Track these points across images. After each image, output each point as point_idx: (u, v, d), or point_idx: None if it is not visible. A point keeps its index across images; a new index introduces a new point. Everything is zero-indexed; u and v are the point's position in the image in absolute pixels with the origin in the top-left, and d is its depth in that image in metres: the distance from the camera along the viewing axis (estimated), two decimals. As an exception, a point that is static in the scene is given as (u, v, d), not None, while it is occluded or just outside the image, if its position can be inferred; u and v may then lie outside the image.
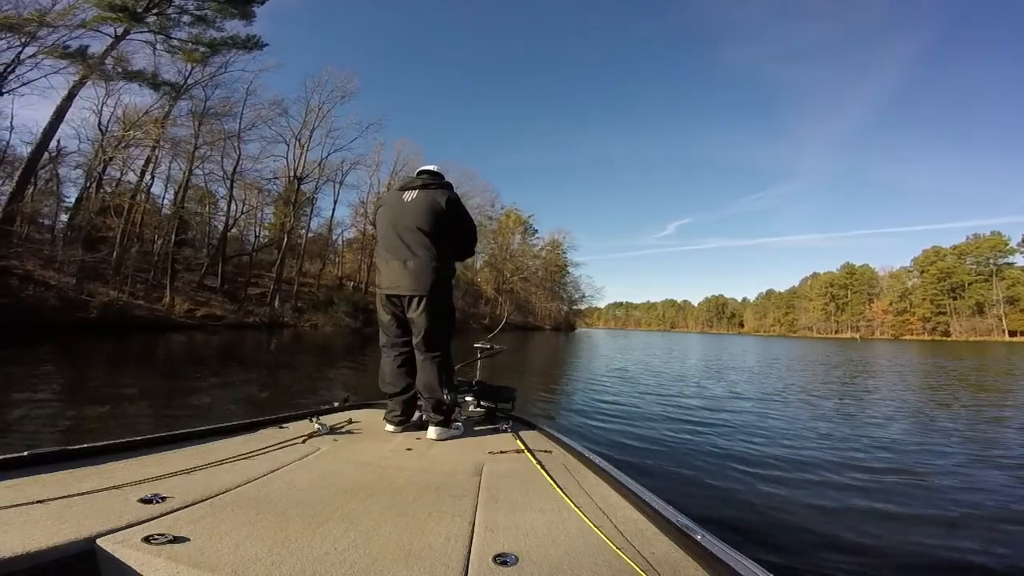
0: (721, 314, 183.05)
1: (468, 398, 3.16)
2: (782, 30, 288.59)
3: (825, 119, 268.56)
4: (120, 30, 23.01)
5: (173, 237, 28.32)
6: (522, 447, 2.30)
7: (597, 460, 2.07)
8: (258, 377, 9.96)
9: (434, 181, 2.85)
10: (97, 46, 22.74)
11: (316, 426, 2.49)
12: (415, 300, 2.67)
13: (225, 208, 34.23)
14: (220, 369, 10.85)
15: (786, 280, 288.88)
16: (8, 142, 22.19)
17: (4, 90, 19.80)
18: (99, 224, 24.68)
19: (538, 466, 2.00)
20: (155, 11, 23.75)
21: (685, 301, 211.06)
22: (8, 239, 18.98)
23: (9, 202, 19.76)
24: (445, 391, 2.65)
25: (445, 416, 2.63)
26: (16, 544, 1.03)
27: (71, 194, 27.43)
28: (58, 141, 25.11)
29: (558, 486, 1.73)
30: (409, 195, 2.78)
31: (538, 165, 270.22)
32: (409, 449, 2.32)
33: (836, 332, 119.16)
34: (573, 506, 1.54)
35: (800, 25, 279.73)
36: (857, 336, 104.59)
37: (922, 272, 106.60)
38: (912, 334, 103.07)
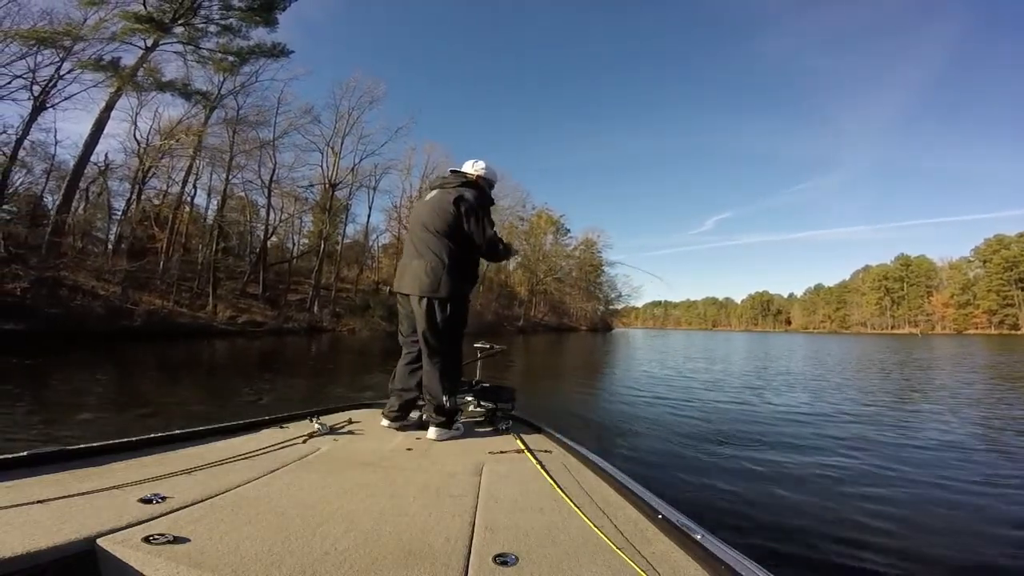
0: (766, 311, 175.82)
1: (468, 398, 3.13)
2: (815, 17, 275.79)
3: (868, 105, 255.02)
4: (149, 41, 23.66)
5: (215, 246, 29.10)
6: (522, 447, 2.30)
7: (597, 460, 2.07)
8: (300, 381, 9.86)
9: (453, 180, 2.82)
10: (130, 59, 23.53)
11: (316, 426, 2.49)
12: (415, 300, 2.65)
13: (264, 217, 35.08)
14: (263, 374, 10.75)
15: (835, 274, 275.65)
16: (54, 155, 23.21)
17: (48, 104, 20.67)
18: (141, 235, 25.55)
19: (538, 466, 1.99)
20: (181, 21, 24.31)
21: (727, 299, 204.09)
22: (57, 250, 19.71)
23: (56, 213, 20.57)
24: (446, 396, 2.61)
25: (446, 418, 2.60)
26: (16, 544, 1.04)
27: (121, 206, 28.60)
28: (106, 155, 26.30)
29: (558, 486, 1.73)
30: (430, 194, 2.81)
31: (571, 165, 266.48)
32: (409, 449, 2.30)
33: (892, 328, 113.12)
34: (573, 506, 1.53)
35: (834, 10, 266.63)
36: (917, 331, 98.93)
37: (985, 262, 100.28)
38: (977, 328, 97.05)
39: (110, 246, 26.93)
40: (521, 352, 21.65)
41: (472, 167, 2.94)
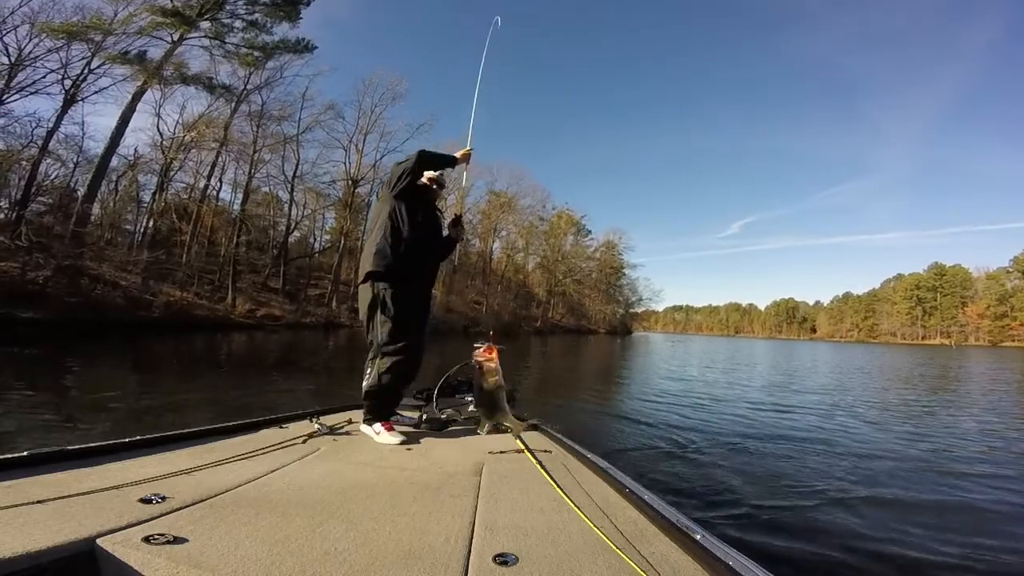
0: (791, 319, 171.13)
1: (468, 398, 3.09)
2: (849, 15, 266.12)
3: (907, 107, 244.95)
4: (176, 36, 24.02)
5: (236, 239, 29.41)
6: (522, 447, 2.29)
7: (597, 460, 2.07)
8: (311, 379, 9.66)
9: None
10: (157, 54, 23.90)
11: (316, 426, 2.50)
12: None
13: (287, 212, 35.49)
14: (270, 373, 10.53)
15: (865, 282, 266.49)
16: (81, 147, 23.55)
17: (79, 98, 21.05)
18: (163, 227, 25.91)
19: (538, 466, 1.99)
20: (207, 16, 24.64)
21: (751, 305, 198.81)
22: (80, 240, 20.00)
23: (82, 202, 20.92)
24: (365, 382, 2.67)
25: (365, 410, 2.62)
26: (16, 544, 1.04)
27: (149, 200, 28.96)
28: (135, 149, 26.79)
29: (558, 486, 1.73)
30: None
31: (592, 165, 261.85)
32: (409, 449, 2.31)
33: (923, 338, 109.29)
34: (573, 506, 1.53)
35: (869, 8, 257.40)
36: (950, 342, 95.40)
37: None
38: (1013, 340, 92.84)
39: (139, 238, 27.42)
40: (538, 355, 21.25)
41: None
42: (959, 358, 31.99)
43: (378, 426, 2.53)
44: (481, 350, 2.76)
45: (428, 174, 2.93)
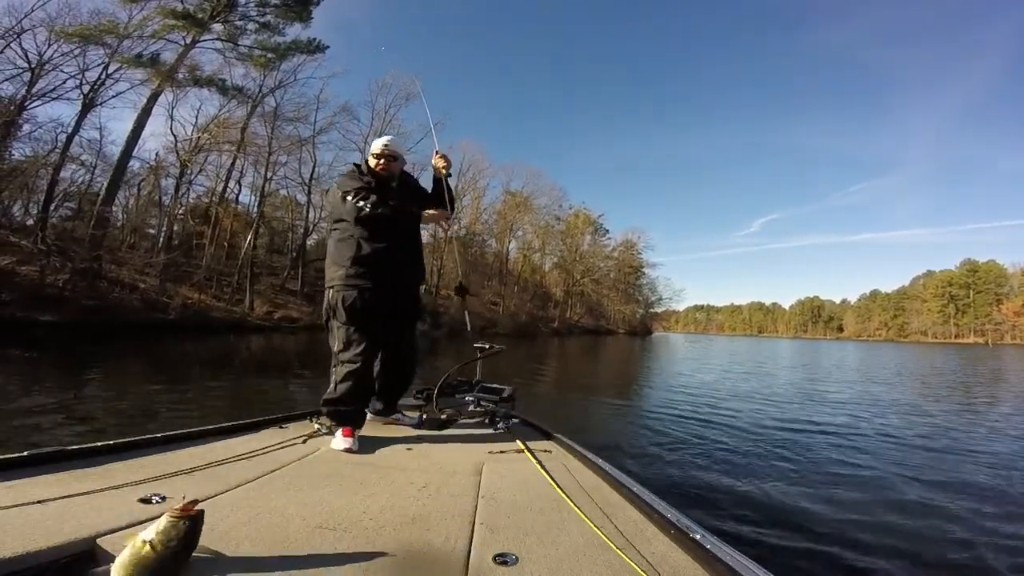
0: (816, 318, 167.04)
1: (468, 398, 3.10)
2: (872, 9, 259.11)
3: (933, 101, 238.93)
4: (188, 39, 24.17)
5: (253, 242, 29.58)
6: (522, 447, 2.28)
7: (597, 460, 2.06)
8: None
9: None
10: (170, 57, 24.01)
11: (316, 426, 2.49)
12: None
13: (305, 214, 35.61)
14: (295, 370, 10.42)
15: (893, 280, 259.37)
16: (99, 150, 23.92)
17: (97, 102, 21.40)
18: (180, 230, 26.13)
19: (538, 466, 1.99)
20: (219, 19, 24.75)
21: (774, 304, 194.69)
22: (99, 243, 20.16)
23: (100, 206, 21.14)
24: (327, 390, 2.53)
25: (333, 420, 2.50)
26: (16, 544, 1.04)
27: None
28: (156, 153, 27.12)
29: (558, 486, 1.72)
30: None
31: (610, 163, 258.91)
32: (409, 449, 2.30)
33: (956, 337, 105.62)
34: (573, 506, 1.53)
35: (893, 4, 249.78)
36: (986, 341, 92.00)
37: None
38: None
39: (161, 241, 27.77)
40: (553, 356, 20.78)
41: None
42: (1001, 358, 30.56)
43: (338, 431, 2.34)
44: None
45: (374, 150, 2.71)
